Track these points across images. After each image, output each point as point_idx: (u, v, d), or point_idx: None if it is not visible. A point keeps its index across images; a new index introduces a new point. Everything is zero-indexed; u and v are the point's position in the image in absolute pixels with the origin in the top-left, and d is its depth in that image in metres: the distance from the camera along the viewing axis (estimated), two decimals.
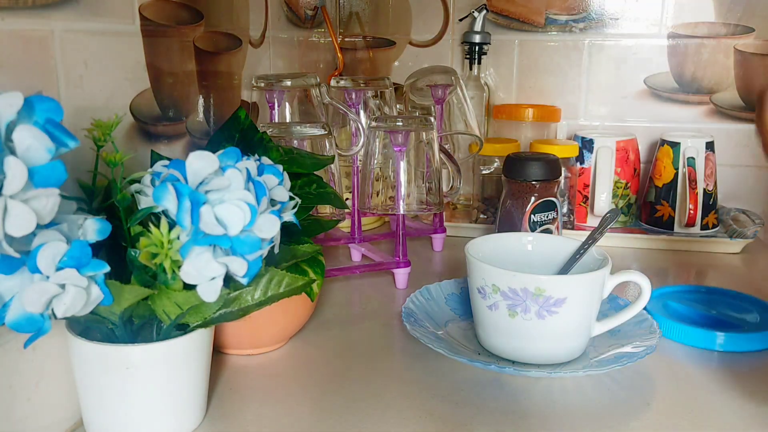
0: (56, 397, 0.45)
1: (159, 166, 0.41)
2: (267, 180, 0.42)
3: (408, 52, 1.16)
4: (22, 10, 0.42)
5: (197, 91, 0.67)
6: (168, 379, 0.43)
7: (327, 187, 0.57)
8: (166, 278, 0.39)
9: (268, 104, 0.76)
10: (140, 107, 0.56)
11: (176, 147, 0.63)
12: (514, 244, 0.64)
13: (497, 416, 0.48)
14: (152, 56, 0.57)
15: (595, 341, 0.58)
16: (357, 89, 0.79)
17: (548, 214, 0.74)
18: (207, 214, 0.38)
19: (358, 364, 0.56)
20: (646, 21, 1.05)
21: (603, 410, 0.49)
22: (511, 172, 0.75)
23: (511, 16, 1.10)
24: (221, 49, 0.72)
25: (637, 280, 0.56)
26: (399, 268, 0.74)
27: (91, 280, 0.35)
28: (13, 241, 0.32)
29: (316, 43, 1.04)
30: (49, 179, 0.32)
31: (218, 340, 0.56)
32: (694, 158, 0.89)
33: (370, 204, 0.74)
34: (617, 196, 0.94)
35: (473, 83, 1.07)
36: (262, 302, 0.45)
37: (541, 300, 0.52)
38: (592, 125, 1.09)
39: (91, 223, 0.36)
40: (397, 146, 0.70)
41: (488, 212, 0.96)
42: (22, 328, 0.34)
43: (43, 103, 0.33)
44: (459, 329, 0.61)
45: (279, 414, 0.49)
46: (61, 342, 0.44)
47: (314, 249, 0.52)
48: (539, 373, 0.52)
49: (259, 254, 0.40)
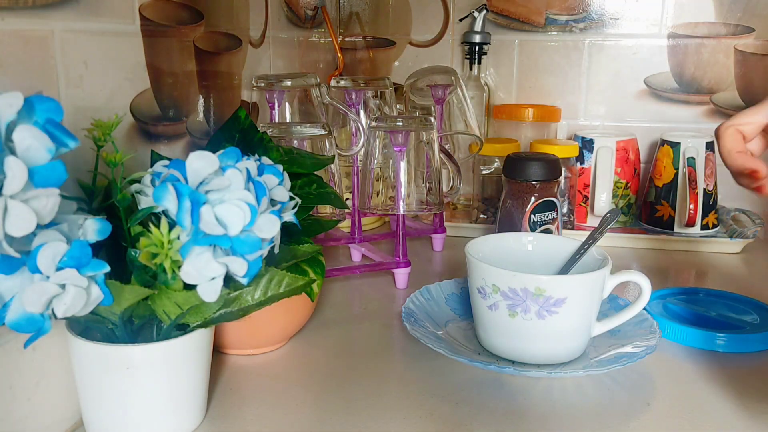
0: (56, 397, 0.45)
1: (159, 166, 0.41)
2: (267, 180, 0.42)
3: (408, 52, 1.16)
4: (22, 10, 0.42)
5: (197, 91, 0.67)
6: (168, 379, 0.43)
7: (327, 187, 0.57)
8: (166, 278, 0.39)
9: (268, 104, 0.76)
10: (140, 107, 0.56)
11: (176, 147, 0.63)
12: (514, 244, 0.64)
13: (497, 416, 0.48)
14: (152, 56, 0.57)
15: (595, 341, 0.58)
16: (357, 89, 0.79)
17: (548, 214, 0.74)
18: (207, 214, 0.38)
19: (358, 364, 0.56)
20: (646, 21, 1.05)
21: (603, 410, 0.49)
22: (511, 172, 0.75)
23: (511, 16, 1.10)
24: (221, 49, 0.72)
25: (637, 280, 0.56)
26: (399, 268, 0.74)
27: (91, 280, 0.35)
28: (13, 241, 0.32)
29: (316, 43, 1.04)
30: (49, 179, 0.32)
31: (218, 340, 0.56)
32: (694, 158, 0.89)
33: (370, 204, 0.74)
34: (617, 196, 0.94)
35: (473, 83, 1.07)
36: (262, 302, 0.45)
37: (542, 300, 0.52)
38: (592, 125, 1.09)
39: (91, 223, 0.36)
40: (397, 146, 0.70)
41: (488, 212, 0.96)
42: (22, 328, 0.34)
43: (43, 103, 0.33)
44: (459, 329, 0.61)
45: (279, 414, 0.49)
46: (61, 342, 0.44)
47: (314, 249, 0.52)
48: (539, 373, 0.52)
49: (259, 254, 0.40)
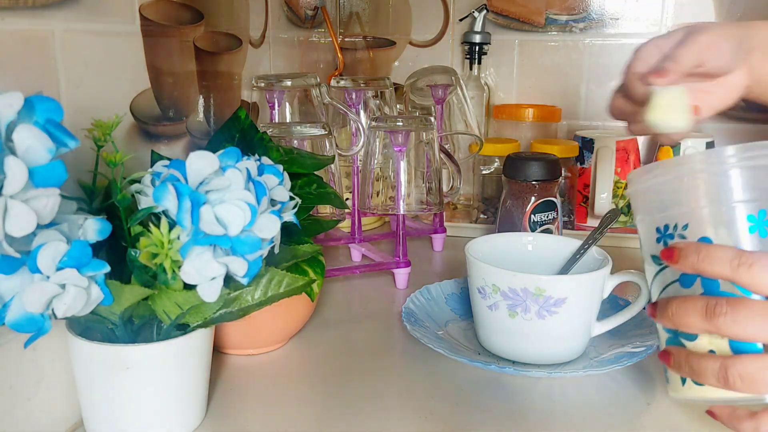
0: (56, 397, 0.45)
1: (159, 166, 0.41)
2: (267, 180, 0.42)
3: (408, 52, 1.16)
4: (22, 10, 0.42)
5: (197, 91, 0.67)
6: (168, 379, 0.43)
7: (327, 187, 0.57)
8: (167, 278, 0.39)
9: (269, 104, 0.76)
10: (140, 107, 0.56)
11: (176, 147, 0.63)
12: (514, 244, 0.64)
13: (497, 416, 0.48)
14: (152, 56, 0.57)
15: (596, 341, 0.58)
16: (357, 89, 0.79)
17: (548, 214, 0.74)
18: (207, 214, 0.38)
19: (358, 364, 0.56)
20: (646, 21, 1.05)
21: (603, 410, 0.49)
22: (511, 172, 0.75)
23: (512, 16, 1.10)
24: (221, 49, 0.72)
25: (637, 280, 0.56)
26: (399, 268, 0.74)
27: (92, 280, 0.35)
28: (13, 241, 0.32)
29: (316, 43, 1.04)
30: (49, 179, 0.32)
31: (218, 340, 0.56)
32: None
33: (370, 204, 0.74)
34: (617, 196, 0.94)
35: (473, 83, 1.07)
36: (262, 302, 0.45)
37: (542, 300, 0.52)
38: (592, 125, 1.09)
39: (92, 223, 0.36)
40: (398, 146, 0.70)
41: (488, 212, 0.96)
42: (23, 328, 0.34)
43: (44, 103, 0.33)
44: (459, 329, 0.61)
45: (279, 414, 0.49)
46: (61, 342, 0.44)
47: (314, 249, 0.52)
48: (539, 373, 0.52)
49: (259, 254, 0.40)
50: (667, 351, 0.42)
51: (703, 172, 0.40)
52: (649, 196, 0.44)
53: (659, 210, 0.43)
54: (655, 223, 0.43)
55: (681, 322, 0.40)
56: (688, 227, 0.41)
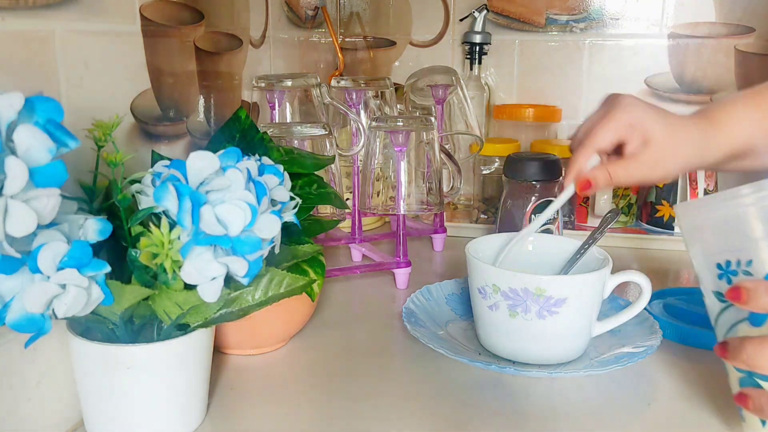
0: (57, 397, 0.45)
1: (160, 166, 0.41)
2: (268, 180, 0.42)
3: (408, 52, 1.17)
4: (22, 10, 0.42)
5: (198, 91, 0.67)
6: (168, 379, 0.43)
7: (327, 187, 0.57)
8: (167, 278, 0.39)
9: (269, 104, 0.76)
10: (141, 107, 0.56)
11: (177, 147, 0.63)
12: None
13: (497, 416, 0.48)
14: (153, 56, 0.58)
15: (596, 341, 0.58)
16: (357, 89, 0.79)
17: None
18: (208, 214, 0.38)
19: (358, 365, 0.56)
20: (647, 21, 1.05)
21: (603, 410, 0.49)
22: (511, 172, 0.75)
23: (512, 16, 1.10)
24: (222, 49, 0.72)
25: (637, 280, 0.56)
26: (399, 268, 0.74)
27: (92, 281, 0.35)
28: (13, 241, 0.32)
29: (316, 43, 1.04)
30: (49, 179, 0.32)
31: (219, 340, 0.56)
32: None
33: (371, 204, 0.74)
34: (618, 196, 0.94)
35: (474, 83, 1.07)
36: (262, 302, 0.45)
37: (542, 300, 0.52)
38: None
39: (92, 223, 0.36)
40: (398, 146, 0.70)
41: (488, 212, 0.96)
42: (23, 328, 0.34)
43: (44, 103, 0.33)
44: (459, 329, 0.61)
45: (279, 414, 0.49)
46: (61, 342, 0.44)
47: (315, 249, 0.52)
48: (539, 373, 0.52)
49: (259, 254, 0.40)
50: (745, 394, 0.41)
51: (755, 206, 0.39)
52: (705, 231, 0.43)
53: (716, 245, 0.42)
54: (714, 258, 0.42)
55: (758, 364, 0.39)
56: (752, 263, 0.40)
